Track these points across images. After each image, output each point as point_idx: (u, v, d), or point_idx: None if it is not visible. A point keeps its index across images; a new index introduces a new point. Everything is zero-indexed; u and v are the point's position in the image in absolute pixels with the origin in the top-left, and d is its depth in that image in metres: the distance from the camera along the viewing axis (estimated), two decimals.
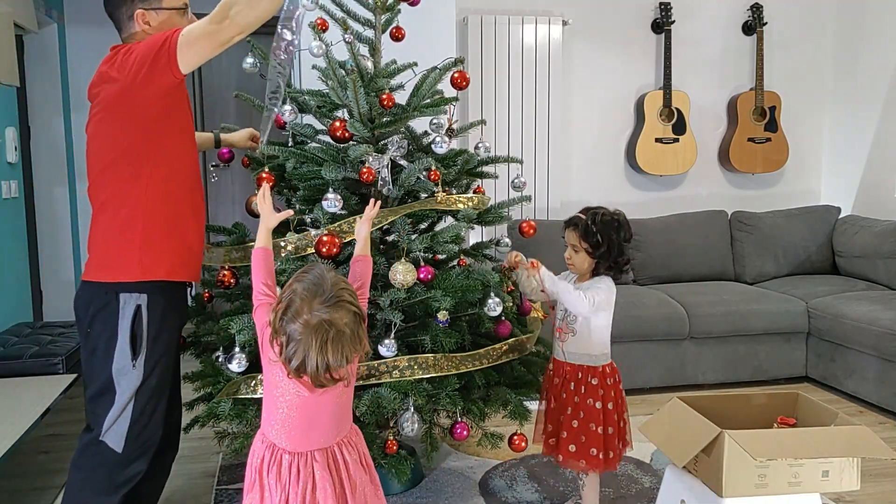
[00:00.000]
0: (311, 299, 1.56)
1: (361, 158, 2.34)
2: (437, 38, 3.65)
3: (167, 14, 2.04)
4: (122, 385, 1.95)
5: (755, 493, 1.95)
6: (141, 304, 1.95)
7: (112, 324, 1.93)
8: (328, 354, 1.54)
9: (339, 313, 1.56)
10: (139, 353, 1.95)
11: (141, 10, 2.01)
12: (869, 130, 4.65)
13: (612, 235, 2.30)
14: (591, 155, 4.73)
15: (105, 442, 1.96)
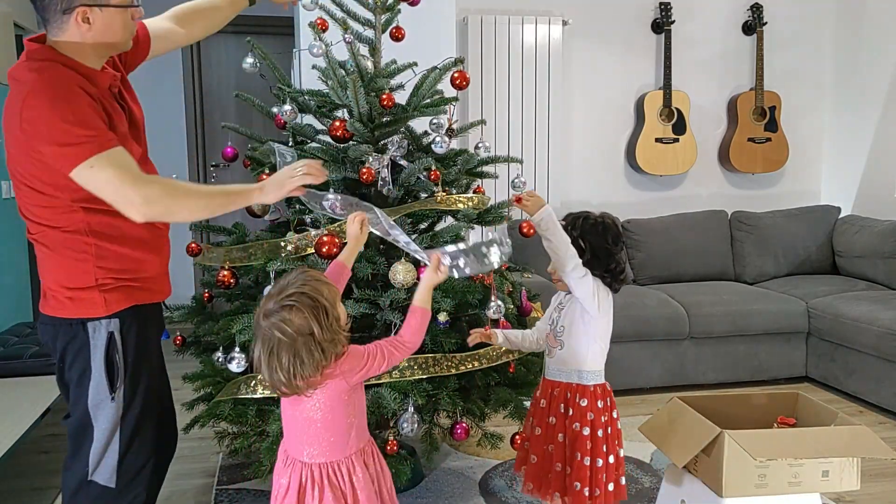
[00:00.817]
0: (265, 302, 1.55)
1: (361, 158, 2.34)
2: (437, 38, 3.65)
3: (112, 14, 1.71)
4: (100, 419, 1.77)
5: (755, 493, 1.95)
6: (113, 330, 1.75)
7: (84, 356, 1.74)
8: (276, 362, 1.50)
9: (290, 314, 1.51)
10: (117, 384, 1.76)
11: (83, 7, 1.66)
12: (869, 130, 4.65)
13: (597, 241, 2.05)
14: (591, 155, 4.73)
15: (95, 481, 1.79)
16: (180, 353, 2.62)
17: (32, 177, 1.67)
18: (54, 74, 1.64)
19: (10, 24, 3.82)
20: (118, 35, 1.75)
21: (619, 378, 3.84)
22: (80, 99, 1.62)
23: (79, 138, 1.58)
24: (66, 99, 1.60)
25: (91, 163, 1.58)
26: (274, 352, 1.51)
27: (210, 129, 5.60)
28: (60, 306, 1.74)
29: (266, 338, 1.53)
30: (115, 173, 1.60)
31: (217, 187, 1.77)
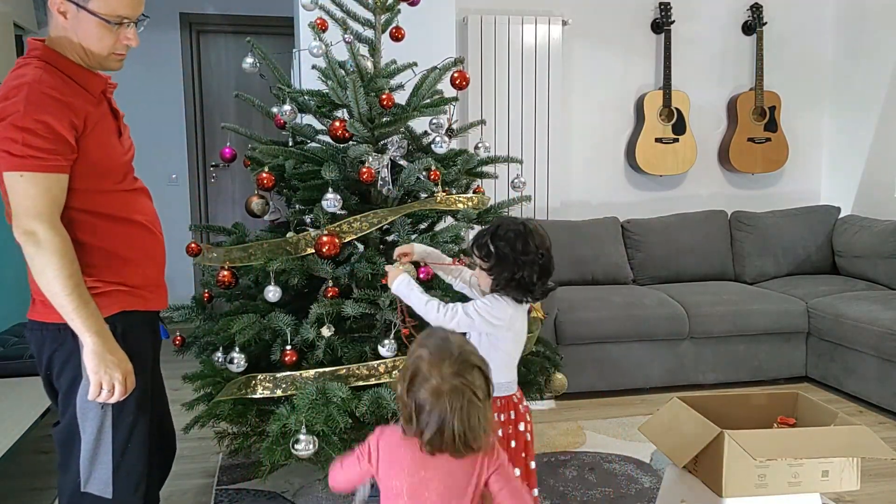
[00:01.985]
0: (439, 363, 1.40)
1: (361, 158, 2.35)
2: (436, 38, 3.65)
3: (87, 19, 1.61)
4: (87, 428, 1.69)
5: (755, 493, 1.95)
6: None
7: (73, 363, 1.67)
8: (466, 418, 1.36)
9: (471, 375, 1.40)
10: None
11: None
12: (869, 130, 4.65)
13: (503, 247, 1.88)
14: (591, 155, 4.73)
15: (90, 493, 1.71)
16: (180, 353, 2.62)
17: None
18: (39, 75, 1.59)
19: (10, 24, 3.82)
20: (94, 44, 1.65)
21: (619, 378, 3.85)
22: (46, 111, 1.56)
23: (23, 149, 1.53)
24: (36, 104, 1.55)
25: (22, 175, 1.54)
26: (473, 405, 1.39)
27: (210, 130, 5.60)
28: (47, 311, 1.67)
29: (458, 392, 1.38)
30: (35, 195, 1.55)
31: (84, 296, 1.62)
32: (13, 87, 1.56)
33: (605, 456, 3.06)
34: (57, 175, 1.58)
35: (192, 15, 5.36)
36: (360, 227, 2.33)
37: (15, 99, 1.54)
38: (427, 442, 1.38)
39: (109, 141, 1.71)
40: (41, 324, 1.71)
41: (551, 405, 3.70)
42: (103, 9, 1.62)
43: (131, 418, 1.74)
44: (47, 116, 1.55)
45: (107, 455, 1.71)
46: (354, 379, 2.23)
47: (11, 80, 1.60)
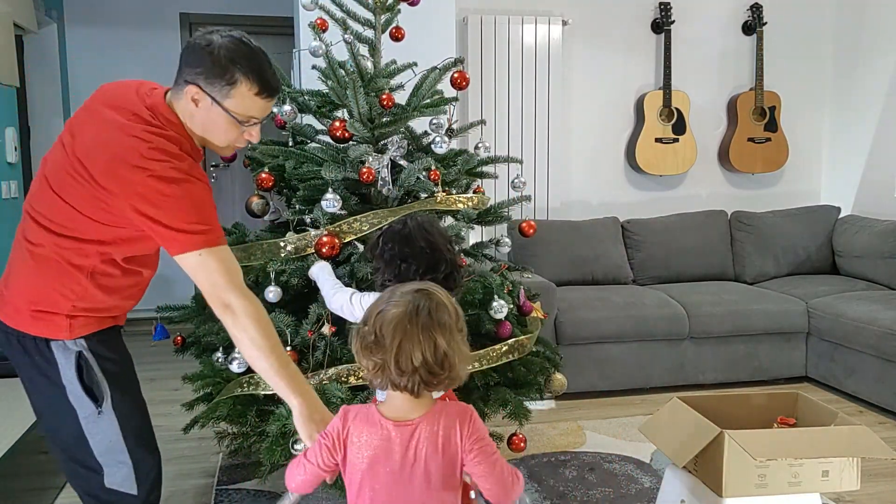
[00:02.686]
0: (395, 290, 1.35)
1: (361, 158, 2.34)
2: (436, 38, 3.65)
3: (220, 113, 1.62)
4: (94, 435, 1.69)
5: (755, 493, 1.95)
6: (81, 349, 1.66)
7: (54, 375, 1.65)
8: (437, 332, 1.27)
9: (435, 288, 1.35)
10: (102, 398, 1.68)
11: (197, 88, 1.60)
12: (869, 130, 4.65)
13: (392, 248, 1.88)
14: (591, 155, 4.73)
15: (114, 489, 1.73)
16: (180, 353, 2.62)
17: (87, 207, 1.59)
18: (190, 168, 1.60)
19: (10, 24, 3.82)
20: (216, 137, 1.68)
21: (619, 378, 3.85)
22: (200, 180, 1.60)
23: (201, 225, 1.57)
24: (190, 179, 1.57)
25: (202, 252, 1.57)
26: (430, 321, 1.28)
27: None
28: (21, 319, 1.65)
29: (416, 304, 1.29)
30: (221, 268, 1.59)
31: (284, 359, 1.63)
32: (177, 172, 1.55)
33: (605, 456, 3.06)
34: (225, 247, 1.63)
35: (192, 15, 5.36)
36: (360, 228, 2.33)
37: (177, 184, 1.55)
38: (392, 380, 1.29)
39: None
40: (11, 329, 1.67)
41: (551, 405, 3.71)
42: (237, 109, 1.63)
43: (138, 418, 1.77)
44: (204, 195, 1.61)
45: (124, 455, 1.72)
46: (355, 378, 2.23)
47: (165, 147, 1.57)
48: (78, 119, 1.68)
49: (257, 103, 1.65)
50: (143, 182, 1.53)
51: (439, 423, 1.32)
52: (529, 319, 2.71)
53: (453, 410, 1.35)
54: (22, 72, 4.42)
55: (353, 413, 1.37)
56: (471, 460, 1.32)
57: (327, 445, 1.36)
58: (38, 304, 1.64)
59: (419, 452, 1.31)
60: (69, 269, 1.63)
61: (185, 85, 1.61)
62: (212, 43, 1.59)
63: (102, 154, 1.56)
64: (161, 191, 1.54)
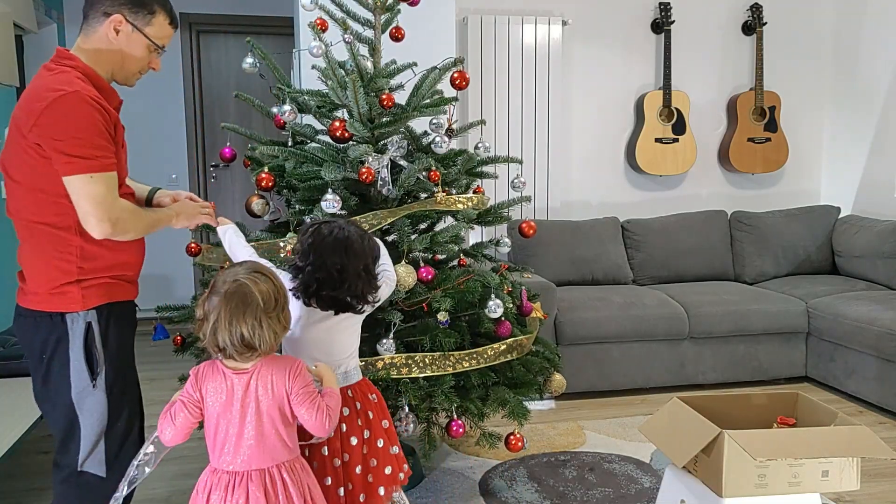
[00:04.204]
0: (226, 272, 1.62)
1: (361, 158, 2.34)
2: (436, 38, 3.66)
3: (140, 39, 1.84)
4: (85, 410, 1.81)
5: (755, 493, 1.95)
6: (91, 321, 1.80)
7: (63, 348, 1.79)
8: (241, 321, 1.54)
9: (260, 280, 1.58)
10: (97, 370, 1.81)
11: (121, 17, 1.80)
12: (869, 130, 4.65)
13: (304, 241, 1.89)
14: (591, 155, 4.73)
15: (87, 471, 1.84)
16: (180, 352, 2.62)
17: (34, 173, 1.73)
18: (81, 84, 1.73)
19: (10, 24, 3.82)
20: (131, 63, 1.87)
21: (619, 378, 3.85)
22: (96, 114, 1.71)
23: (88, 153, 1.69)
24: (84, 113, 1.70)
25: (89, 178, 1.69)
26: (239, 309, 1.54)
27: (210, 130, 5.61)
28: (41, 300, 1.79)
29: (231, 293, 1.55)
30: (102, 192, 1.71)
31: (149, 211, 1.92)
32: (63, 95, 1.68)
33: (605, 456, 3.06)
34: (114, 172, 1.76)
35: (192, 15, 5.36)
36: None
37: (70, 107, 1.68)
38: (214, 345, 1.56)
39: (119, 152, 1.85)
40: (32, 311, 1.80)
41: (551, 405, 3.71)
42: (155, 34, 1.87)
43: (126, 399, 1.88)
44: (100, 123, 1.72)
45: (101, 437, 1.83)
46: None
47: (56, 84, 1.71)
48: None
49: (168, 32, 1.91)
50: (34, 121, 1.68)
51: (270, 372, 1.62)
52: (529, 319, 2.71)
53: (282, 363, 1.64)
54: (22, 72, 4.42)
55: (200, 372, 1.65)
56: (295, 403, 1.62)
57: (188, 406, 1.64)
58: (52, 283, 1.77)
59: (255, 394, 1.61)
60: (59, 232, 1.75)
61: (106, 17, 1.80)
62: None
63: (23, 109, 1.73)
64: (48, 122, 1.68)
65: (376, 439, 1.93)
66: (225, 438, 1.64)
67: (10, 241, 1.81)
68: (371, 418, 1.93)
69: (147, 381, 3.41)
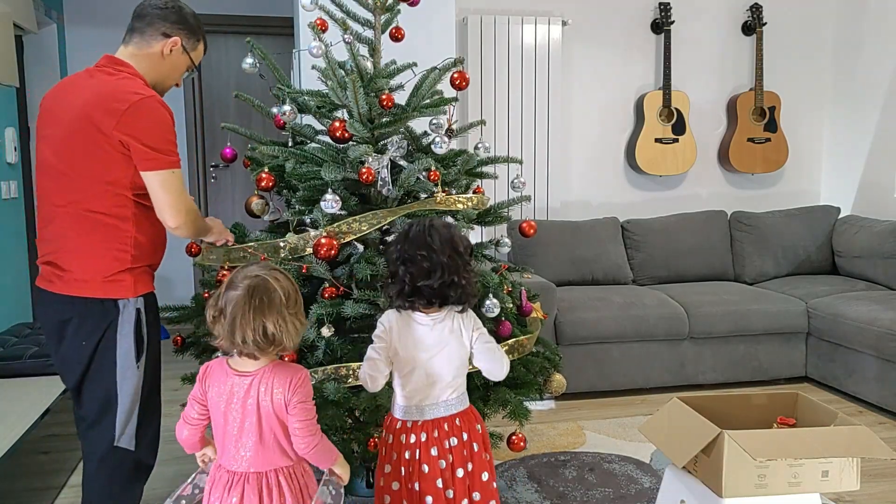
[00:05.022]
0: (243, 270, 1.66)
1: (361, 159, 2.34)
2: (436, 39, 3.66)
3: (185, 60, 2.12)
4: (125, 389, 1.96)
5: (755, 494, 1.95)
6: (140, 307, 1.97)
7: (112, 333, 1.94)
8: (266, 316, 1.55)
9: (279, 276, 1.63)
10: (142, 353, 1.97)
11: (179, 40, 2.07)
12: (869, 130, 4.65)
13: (391, 246, 1.90)
14: (591, 155, 4.73)
15: (121, 447, 1.98)
16: (180, 353, 2.62)
17: (106, 166, 1.89)
18: (150, 90, 1.96)
19: (10, 24, 3.82)
20: (172, 78, 2.14)
21: (619, 378, 3.85)
22: (169, 117, 1.95)
23: (169, 151, 1.92)
24: (163, 115, 1.92)
25: (171, 173, 1.91)
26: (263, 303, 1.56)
27: (210, 130, 5.61)
28: (92, 287, 1.92)
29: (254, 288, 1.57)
30: (180, 187, 1.94)
31: (206, 218, 2.19)
32: (146, 98, 1.90)
33: (605, 456, 3.06)
34: (180, 170, 1.99)
35: None
36: (360, 228, 2.33)
37: (155, 110, 1.90)
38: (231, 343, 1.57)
39: None
40: (74, 298, 1.92)
41: (551, 405, 3.71)
42: (196, 58, 2.16)
43: (151, 381, 2.03)
44: (172, 124, 1.96)
45: (135, 413, 1.98)
46: (354, 378, 2.23)
47: (136, 87, 1.93)
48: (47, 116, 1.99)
49: (202, 54, 2.21)
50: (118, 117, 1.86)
51: (272, 378, 1.62)
52: (529, 320, 2.71)
53: (286, 371, 1.64)
54: (22, 72, 4.42)
55: (208, 370, 1.68)
56: (291, 413, 1.62)
57: (196, 403, 1.68)
58: (108, 271, 1.92)
59: (256, 398, 1.62)
60: (116, 222, 1.92)
61: (165, 37, 2.04)
62: (183, 9, 2.10)
63: (100, 109, 1.87)
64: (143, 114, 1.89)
65: (480, 472, 1.87)
66: (226, 438, 1.65)
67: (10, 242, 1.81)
68: (476, 451, 1.87)
69: None
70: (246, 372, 1.63)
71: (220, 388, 1.64)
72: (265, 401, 1.61)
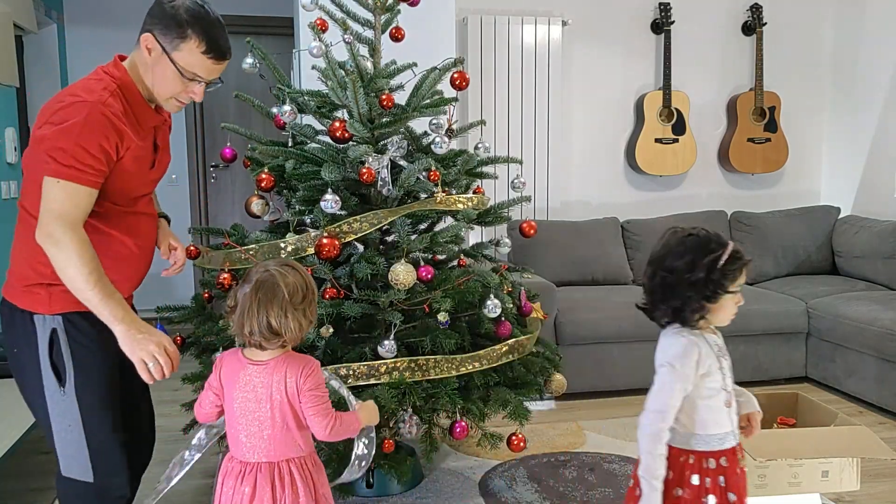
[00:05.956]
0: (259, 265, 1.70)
1: (361, 159, 2.34)
2: (436, 39, 3.66)
3: (167, 64, 1.73)
4: (55, 414, 1.76)
5: (755, 494, 1.95)
6: (56, 327, 1.74)
7: (34, 348, 1.75)
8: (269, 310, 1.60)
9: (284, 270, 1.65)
10: (65, 378, 1.75)
11: (151, 37, 1.72)
12: (869, 130, 4.65)
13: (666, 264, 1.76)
14: (591, 155, 4.73)
15: (71, 478, 1.80)
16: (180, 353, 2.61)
17: (33, 165, 1.72)
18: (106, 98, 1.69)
19: (10, 24, 3.82)
20: (162, 87, 1.78)
21: (619, 378, 3.84)
22: (100, 130, 1.66)
23: (72, 159, 1.63)
24: (90, 127, 1.65)
25: (58, 182, 1.63)
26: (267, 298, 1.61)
27: (210, 130, 5.61)
28: (16, 294, 1.78)
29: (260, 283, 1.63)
30: (63, 200, 1.64)
31: (108, 290, 1.67)
32: (79, 102, 1.66)
33: (605, 456, 3.06)
34: (89, 189, 1.67)
35: None
36: (360, 228, 2.33)
37: (77, 114, 1.64)
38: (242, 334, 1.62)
39: (136, 171, 1.81)
40: (10, 304, 1.79)
41: (551, 405, 3.71)
42: (182, 62, 1.74)
43: (98, 402, 1.80)
44: (101, 138, 1.66)
45: (81, 439, 1.78)
46: (354, 378, 2.23)
47: (80, 90, 1.70)
48: None
49: (203, 62, 1.76)
50: (48, 119, 1.66)
51: (285, 367, 1.66)
52: (529, 320, 2.71)
53: (297, 361, 1.68)
54: (22, 72, 4.42)
55: (223, 358, 1.72)
56: (303, 402, 1.65)
57: (211, 391, 1.71)
58: (26, 280, 1.75)
59: (269, 388, 1.65)
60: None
61: (141, 34, 1.74)
62: (175, 1, 1.73)
63: (45, 105, 1.71)
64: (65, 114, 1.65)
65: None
66: (239, 428, 1.68)
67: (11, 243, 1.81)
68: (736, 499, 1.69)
69: None
70: (258, 361, 1.67)
71: (232, 378, 1.68)
72: (277, 390, 1.65)
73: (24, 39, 4.48)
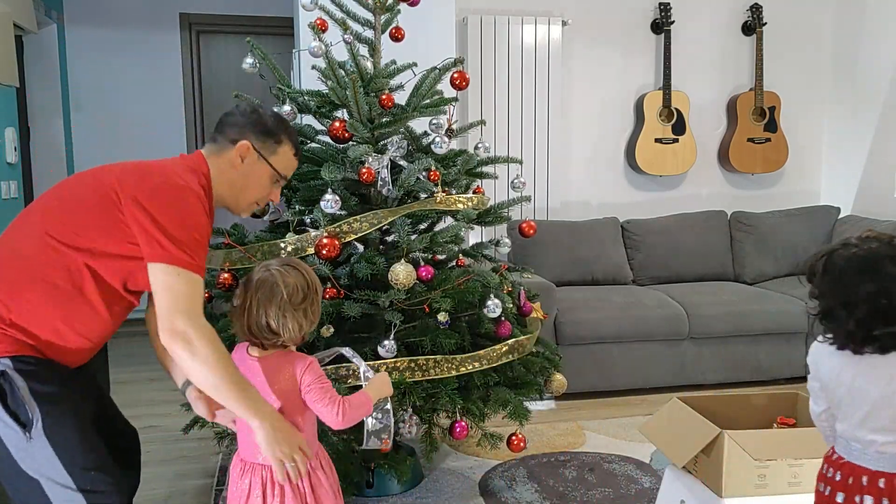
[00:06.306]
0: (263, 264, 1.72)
1: (361, 159, 2.35)
2: (436, 39, 3.66)
3: (262, 171, 1.79)
4: (28, 464, 1.56)
5: (755, 494, 1.95)
6: (5, 369, 1.54)
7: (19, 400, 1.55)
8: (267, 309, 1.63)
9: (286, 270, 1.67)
10: (30, 422, 1.54)
11: (248, 144, 1.77)
12: (869, 130, 4.65)
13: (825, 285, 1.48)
14: (590, 155, 4.73)
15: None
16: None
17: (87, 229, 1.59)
18: (200, 192, 1.66)
19: (10, 24, 3.82)
20: (251, 192, 1.81)
21: (619, 378, 3.85)
22: (208, 220, 1.67)
23: (187, 247, 1.57)
24: (201, 210, 1.63)
25: (178, 272, 1.56)
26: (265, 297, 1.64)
27: (210, 130, 5.60)
28: None
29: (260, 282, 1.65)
30: (188, 294, 1.57)
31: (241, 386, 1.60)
32: (185, 187, 1.63)
33: (605, 456, 3.06)
34: (200, 279, 1.62)
35: (192, 15, 5.36)
36: (360, 228, 2.34)
37: (186, 201, 1.61)
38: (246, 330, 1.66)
39: None
40: None
41: (551, 405, 3.71)
42: (279, 165, 1.83)
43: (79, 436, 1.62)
44: (207, 228, 1.67)
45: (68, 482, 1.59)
46: (354, 378, 2.23)
47: (180, 175, 1.66)
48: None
49: (292, 162, 1.87)
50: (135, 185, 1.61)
51: (283, 365, 1.70)
52: (529, 320, 2.71)
53: (295, 358, 1.71)
54: (22, 72, 4.43)
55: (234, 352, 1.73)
56: (308, 395, 1.68)
57: None
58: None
59: (266, 383, 1.68)
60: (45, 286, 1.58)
61: (233, 144, 1.77)
62: (257, 109, 1.84)
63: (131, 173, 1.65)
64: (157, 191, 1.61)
65: None
66: (241, 425, 1.71)
67: None
68: None
69: (147, 381, 3.41)
70: (261, 357, 1.70)
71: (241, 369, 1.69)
72: (275, 389, 1.68)
73: (24, 39, 4.48)
